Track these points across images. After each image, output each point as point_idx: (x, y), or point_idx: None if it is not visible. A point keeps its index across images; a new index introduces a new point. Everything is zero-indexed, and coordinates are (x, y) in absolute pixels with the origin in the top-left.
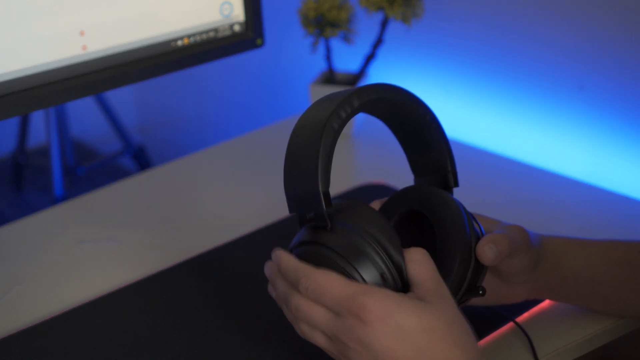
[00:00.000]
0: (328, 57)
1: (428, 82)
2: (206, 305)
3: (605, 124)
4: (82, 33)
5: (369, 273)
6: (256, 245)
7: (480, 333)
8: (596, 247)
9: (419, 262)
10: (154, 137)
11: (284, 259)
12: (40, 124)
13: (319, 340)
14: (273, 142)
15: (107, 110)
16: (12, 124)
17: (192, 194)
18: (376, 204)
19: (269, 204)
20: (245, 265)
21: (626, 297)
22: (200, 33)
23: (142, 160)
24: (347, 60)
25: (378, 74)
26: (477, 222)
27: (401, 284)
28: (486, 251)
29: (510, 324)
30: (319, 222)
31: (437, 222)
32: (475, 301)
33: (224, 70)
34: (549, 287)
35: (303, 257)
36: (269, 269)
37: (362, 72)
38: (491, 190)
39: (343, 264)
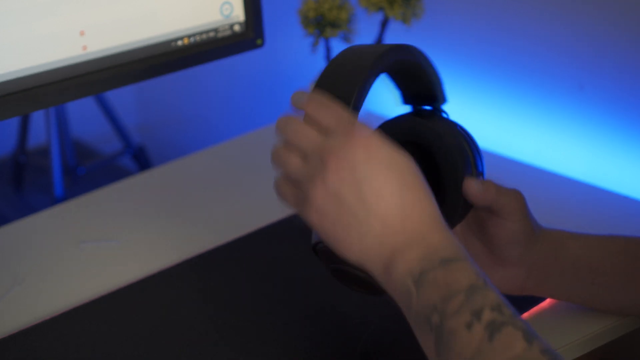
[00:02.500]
0: (328, 57)
1: None
2: (206, 305)
3: (605, 124)
4: (82, 33)
5: None
6: (256, 245)
7: None
8: (596, 239)
9: None
10: (154, 137)
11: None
12: (40, 124)
13: (292, 162)
14: (273, 142)
15: (107, 110)
16: (12, 124)
17: (192, 194)
18: None
19: (269, 204)
20: (245, 265)
21: (626, 289)
22: (201, 33)
23: (142, 160)
24: None
25: None
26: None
27: None
28: (470, 184)
29: None
30: None
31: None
32: None
33: (224, 70)
34: (548, 277)
35: None
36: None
37: None
38: None
39: None
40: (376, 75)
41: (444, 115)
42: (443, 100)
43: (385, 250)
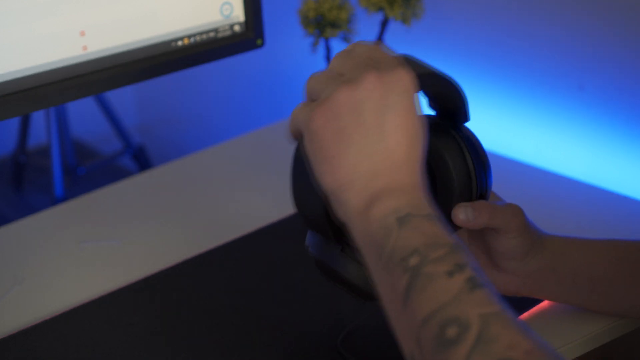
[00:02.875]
0: (328, 58)
1: None
2: (206, 305)
3: (605, 124)
4: (82, 33)
5: None
6: (256, 245)
7: None
8: (596, 245)
9: None
10: (154, 137)
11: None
12: (40, 124)
13: (326, 73)
14: (273, 142)
15: (107, 111)
16: (12, 124)
17: (192, 194)
18: None
19: (269, 204)
20: (245, 265)
21: (626, 294)
22: (201, 33)
23: (142, 160)
24: None
25: None
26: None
27: None
28: (458, 212)
29: None
30: None
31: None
32: None
33: (224, 70)
34: (543, 287)
35: None
36: None
37: None
38: None
39: None
40: None
41: (460, 130)
42: (466, 119)
43: (377, 183)
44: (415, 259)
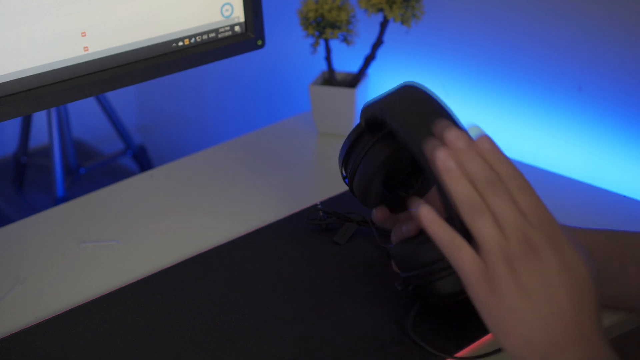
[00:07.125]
0: (328, 58)
1: (427, 83)
2: (206, 305)
3: (604, 124)
4: (83, 34)
5: None
6: (255, 245)
7: (482, 330)
8: (600, 234)
9: None
10: (154, 138)
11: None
12: (42, 124)
13: (486, 224)
14: (273, 143)
15: (108, 111)
16: (14, 124)
17: (192, 194)
18: None
19: (268, 204)
20: (244, 265)
21: (617, 277)
22: (201, 34)
23: (142, 160)
24: (347, 60)
25: (378, 75)
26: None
27: None
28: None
29: None
30: None
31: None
32: None
33: (224, 70)
34: None
35: None
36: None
37: (361, 72)
38: None
39: None
40: None
41: None
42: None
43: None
44: None
